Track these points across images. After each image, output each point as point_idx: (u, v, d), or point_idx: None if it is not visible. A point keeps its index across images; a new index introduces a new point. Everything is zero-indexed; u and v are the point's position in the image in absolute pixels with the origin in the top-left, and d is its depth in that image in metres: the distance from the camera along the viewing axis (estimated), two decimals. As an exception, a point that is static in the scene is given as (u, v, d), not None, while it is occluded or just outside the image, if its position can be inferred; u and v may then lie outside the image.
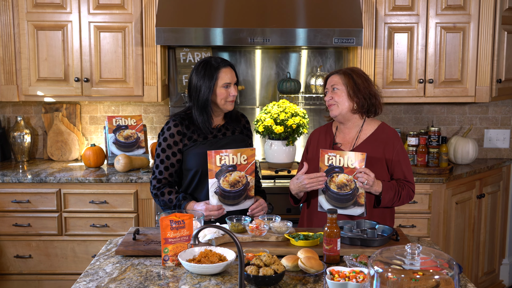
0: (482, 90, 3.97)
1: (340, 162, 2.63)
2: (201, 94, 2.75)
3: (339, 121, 2.83)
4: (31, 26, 3.86)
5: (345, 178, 2.63)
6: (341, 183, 2.64)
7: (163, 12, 3.69)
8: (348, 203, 2.66)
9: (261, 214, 2.76)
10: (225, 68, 2.77)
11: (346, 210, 2.67)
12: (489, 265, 4.34)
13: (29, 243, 3.79)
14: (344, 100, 2.74)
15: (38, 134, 4.37)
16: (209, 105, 2.76)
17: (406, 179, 2.77)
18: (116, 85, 3.94)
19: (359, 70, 2.83)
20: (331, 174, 2.66)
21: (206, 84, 2.74)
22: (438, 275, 1.70)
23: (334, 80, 2.78)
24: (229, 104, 2.80)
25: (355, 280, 2.00)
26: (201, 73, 2.76)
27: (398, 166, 2.77)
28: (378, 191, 2.66)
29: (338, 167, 2.64)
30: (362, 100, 2.74)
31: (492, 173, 4.24)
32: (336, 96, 2.75)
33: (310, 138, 2.96)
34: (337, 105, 2.75)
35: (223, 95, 2.76)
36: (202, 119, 2.78)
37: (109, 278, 2.11)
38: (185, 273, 2.16)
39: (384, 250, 1.81)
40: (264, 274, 2.00)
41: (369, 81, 2.80)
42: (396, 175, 2.78)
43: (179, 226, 2.23)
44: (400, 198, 2.72)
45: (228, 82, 2.76)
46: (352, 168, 2.61)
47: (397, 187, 2.71)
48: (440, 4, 3.89)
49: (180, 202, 2.73)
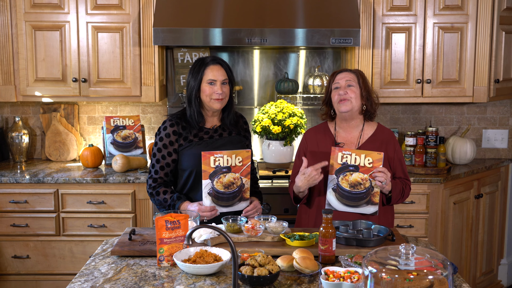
0: (480, 90, 3.96)
1: (356, 161, 2.63)
2: (189, 89, 2.80)
3: (344, 118, 2.83)
4: (29, 27, 3.86)
5: (360, 177, 2.63)
6: (355, 181, 2.64)
7: (161, 12, 3.69)
8: (361, 202, 2.67)
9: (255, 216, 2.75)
10: (213, 66, 2.77)
11: (358, 208, 2.68)
12: (487, 265, 4.34)
13: (27, 244, 3.79)
14: (357, 98, 2.79)
15: (36, 134, 4.37)
16: (194, 100, 2.78)
17: (406, 177, 2.85)
18: (114, 85, 3.94)
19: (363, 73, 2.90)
20: (344, 172, 2.66)
21: (193, 80, 2.78)
22: (432, 275, 1.70)
23: (348, 76, 2.81)
24: (215, 102, 2.77)
25: (350, 280, 1.99)
26: (192, 70, 2.81)
27: (399, 165, 2.84)
28: (389, 190, 2.71)
29: (353, 166, 2.64)
30: (371, 102, 2.83)
31: (490, 173, 4.23)
32: (351, 92, 2.77)
33: (305, 138, 2.93)
34: (351, 101, 2.77)
35: (207, 92, 2.75)
36: (189, 113, 2.80)
37: (104, 279, 2.11)
38: (180, 274, 2.16)
39: (378, 250, 1.81)
40: (258, 274, 2.00)
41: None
42: (398, 173, 2.84)
43: (174, 227, 2.23)
44: (403, 196, 2.80)
45: (212, 79, 2.75)
46: (369, 167, 2.61)
47: (401, 185, 2.78)
48: (438, 4, 3.89)
49: (174, 202, 2.73)
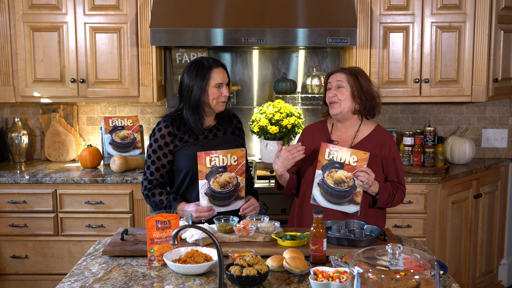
0: (479, 89, 3.95)
1: (341, 159, 2.62)
2: (193, 94, 2.74)
3: (337, 119, 2.82)
4: (27, 28, 3.87)
5: (344, 174, 2.62)
6: (339, 179, 2.63)
7: (157, 13, 3.70)
8: (344, 200, 2.65)
9: (253, 214, 2.75)
10: (217, 68, 2.77)
11: (341, 206, 2.67)
12: (487, 265, 4.32)
13: (25, 244, 3.81)
14: (347, 100, 2.73)
15: (36, 135, 4.39)
16: (200, 105, 2.76)
17: (400, 181, 2.79)
18: (112, 86, 3.95)
19: (361, 70, 2.82)
20: (330, 168, 2.65)
21: (198, 84, 2.73)
22: (418, 275, 1.69)
23: (339, 77, 2.76)
24: (221, 105, 2.79)
25: (339, 280, 1.99)
26: (193, 73, 2.75)
27: (393, 168, 2.78)
28: (375, 191, 2.67)
29: (338, 163, 2.63)
30: (365, 101, 2.74)
31: (489, 173, 4.21)
32: (340, 94, 2.73)
33: (303, 134, 2.94)
34: (340, 103, 2.74)
35: (215, 95, 2.75)
36: (194, 119, 2.77)
37: (94, 278, 2.12)
38: (170, 273, 2.16)
39: (366, 251, 1.80)
40: (247, 274, 2.00)
41: (371, 82, 2.81)
42: (390, 176, 2.79)
43: (165, 227, 2.24)
44: (393, 200, 2.74)
45: (220, 82, 2.76)
46: (353, 166, 2.60)
47: (391, 189, 2.73)
48: (436, 4, 3.87)
49: (170, 203, 2.73)
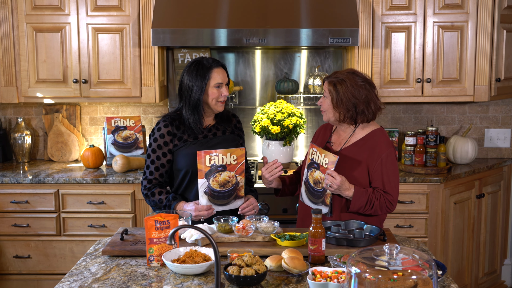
0: (481, 89, 3.94)
1: (318, 159, 2.66)
2: (193, 94, 2.75)
3: (332, 123, 2.84)
4: (30, 28, 3.89)
5: (320, 175, 2.64)
6: (317, 179, 2.66)
7: (159, 13, 3.71)
8: (319, 200, 2.68)
9: (252, 213, 2.76)
10: (217, 68, 2.78)
11: (317, 206, 2.70)
12: (490, 265, 4.31)
13: (28, 243, 3.83)
14: (329, 109, 2.70)
15: (39, 135, 4.41)
16: (200, 105, 2.76)
17: (385, 189, 2.66)
18: (114, 86, 3.96)
19: (350, 76, 2.68)
20: (311, 168, 2.70)
21: (198, 84, 2.74)
22: (415, 275, 1.69)
23: (324, 86, 2.74)
24: (220, 105, 2.80)
25: (337, 280, 1.99)
26: (193, 73, 2.76)
27: (378, 175, 2.67)
28: (349, 195, 2.60)
29: (316, 163, 2.67)
30: (345, 111, 2.66)
31: (492, 173, 4.20)
32: (324, 104, 2.73)
33: (316, 132, 3.01)
34: (326, 112, 2.74)
35: (215, 95, 2.76)
36: (193, 119, 2.78)
37: (93, 278, 2.13)
38: (169, 273, 2.17)
39: (363, 251, 1.80)
40: (245, 274, 2.00)
41: (362, 87, 2.65)
42: (374, 183, 2.68)
43: (164, 226, 2.24)
44: (372, 207, 2.62)
45: (220, 82, 2.76)
46: (325, 167, 2.61)
47: (370, 195, 2.62)
48: (438, 3, 3.86)
49: (170, 202, 2.73)
